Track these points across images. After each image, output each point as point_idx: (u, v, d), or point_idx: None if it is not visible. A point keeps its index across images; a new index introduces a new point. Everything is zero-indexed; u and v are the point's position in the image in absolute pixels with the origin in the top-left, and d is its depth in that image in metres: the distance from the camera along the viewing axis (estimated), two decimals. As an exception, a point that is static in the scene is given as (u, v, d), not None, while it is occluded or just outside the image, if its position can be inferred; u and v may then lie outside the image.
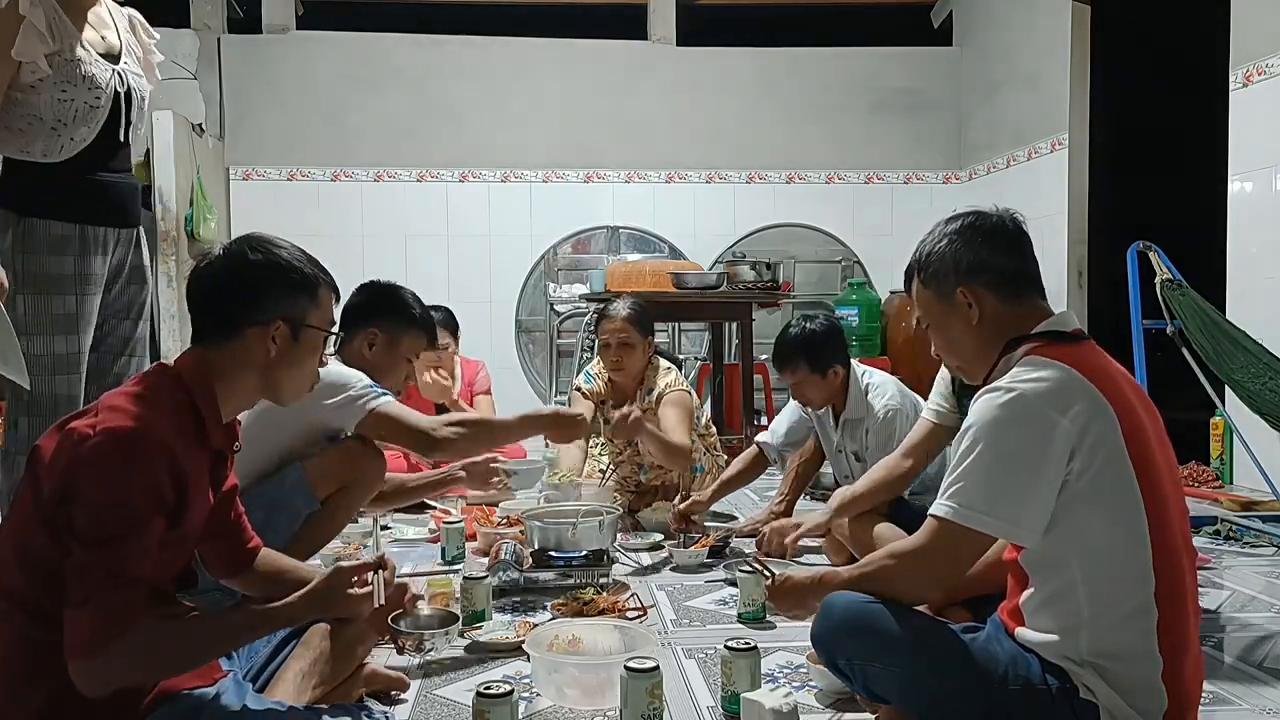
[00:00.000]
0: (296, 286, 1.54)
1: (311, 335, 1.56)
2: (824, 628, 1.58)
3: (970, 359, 1.60)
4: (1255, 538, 3.26)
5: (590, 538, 2.70)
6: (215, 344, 1.49)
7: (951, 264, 1.56)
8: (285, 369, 1.54)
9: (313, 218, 6.59)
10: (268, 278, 1.51)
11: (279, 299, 1.51)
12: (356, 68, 6.67)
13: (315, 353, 1.58)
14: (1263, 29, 4.26)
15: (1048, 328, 1.52)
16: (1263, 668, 2.10)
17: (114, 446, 1.29)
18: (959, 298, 1.55)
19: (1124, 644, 1.39)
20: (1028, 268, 1.57)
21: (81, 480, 1.28)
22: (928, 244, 1.62)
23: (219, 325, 1.49)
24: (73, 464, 1.29)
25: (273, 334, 1.50)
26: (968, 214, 1.61)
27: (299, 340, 1.53)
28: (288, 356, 1.53)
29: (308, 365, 1.58)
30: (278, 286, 1.52)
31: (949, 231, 1.59)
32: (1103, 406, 1.40)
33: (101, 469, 1.29)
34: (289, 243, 1.59)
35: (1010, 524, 1.41)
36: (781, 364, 3.10)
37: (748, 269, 4.97)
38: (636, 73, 6.89)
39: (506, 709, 1.57)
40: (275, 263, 1.53)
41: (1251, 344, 3.20)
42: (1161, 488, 1.42)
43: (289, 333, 1.52)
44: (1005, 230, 1.58)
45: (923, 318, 1.64)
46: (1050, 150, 5.83)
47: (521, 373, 6.81)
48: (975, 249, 1.55)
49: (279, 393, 1.57)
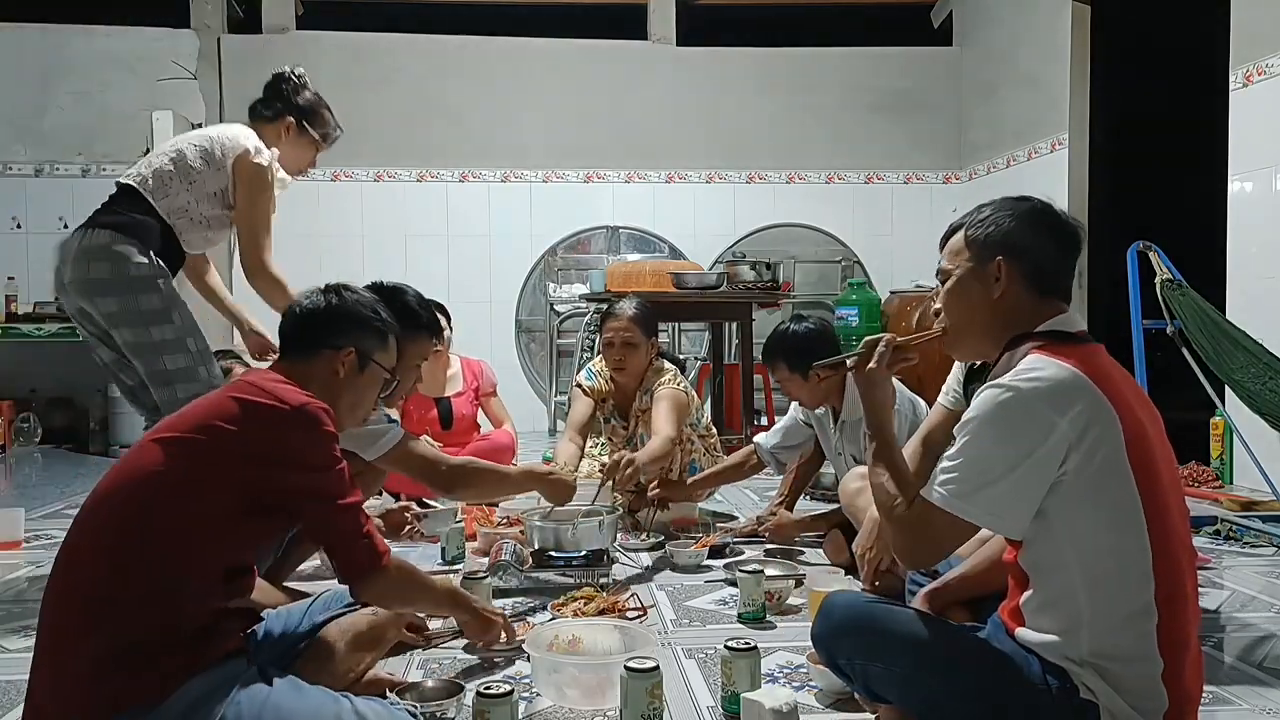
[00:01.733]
0: (371, 326, 1.81)
1: (374, 370, 1.81)
2: (824, 628, 1.58)
3: (969, 329, 1.59)
4: (1255, 538, 3.26)
5: (590, 538, 2.70)
6: (296, 359, 1.75)
7: (1003, 234, 1.55)
8: (347, 394, 1.77)
9: (313, 218, 6.59)
10: (350, 313, 1.80)
11: (355, 332, 1.79)
12: (356, 68, 6.67)
13: (374, 388, 1.83)
14: (1263, 29, 4.26)
15: (1052, 327, 1.52)
16: (1263, 668, 2.10)
17: (327, 418, 1.58)
18: (993, 267, 1.54)
19: (1124, 645, 1.40)
20: (1065, 276, 1.57)
21: (310, 445, 1.55)
22: (989, 209, 1.60)
23: (302, 344, 1.76)
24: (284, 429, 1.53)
25: (343, 359, 1.75)
26: (1039, 201, 1.60)
27: (364, 372, 1.79)
28: (352, 383, 1.77)
29: (366, 397, 1.82)
30: (356, 322, 1.79)
31: (1018, 208, 1.58)
32: (1104, 408, 1.40)
33: (322, 434, 1.56)
34: (371, 294, 1.89)
35: (992, 515, 1.42)
36: (766, 362, 3.12)
37: (748, 269, 4.98)
38: (636, 73, 6.89)
39: (506, 709, 1.58)
40: (359, 302, 1.82)
41: (1251, 344, 3.20)
42: (1162, 490, 1.42)
43: (357, 362, 1.77)
44: (1066, 230, 1.58)
45: (947, 268, 1.61)
46: (1050, 150, 5.83)
47: (521, 373, 6.81)
48: (1032, 232, 1.55)
49: (337, 412, 1.71)
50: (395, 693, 1.79)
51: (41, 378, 6.38)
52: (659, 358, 3.68)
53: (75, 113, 6.43)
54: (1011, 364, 1.49)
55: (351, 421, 1.83)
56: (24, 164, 6.42)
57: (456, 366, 4.29)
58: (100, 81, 6.45)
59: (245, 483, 1.49)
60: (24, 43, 6.42)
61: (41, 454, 5.92)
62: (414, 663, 2.11)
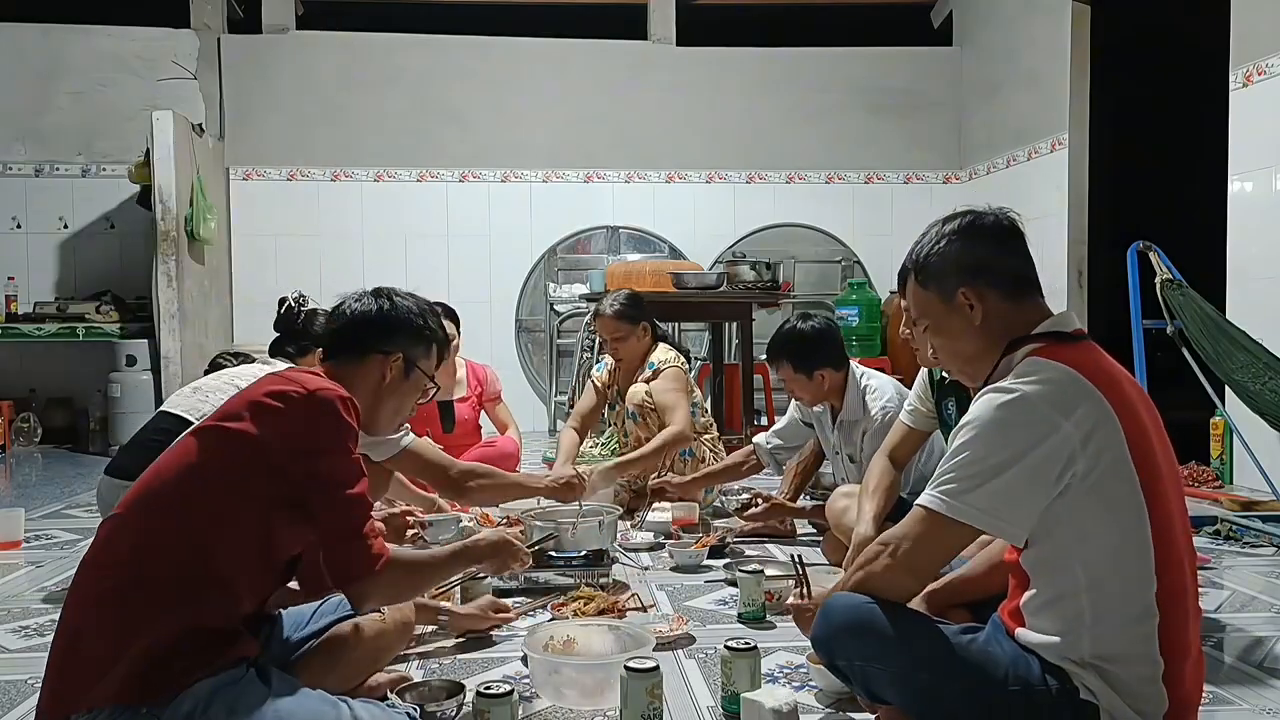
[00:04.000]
0: (421, 334, 1.82)
1: (418, 377, 1.82)
2: (824, 628, 1.58)
3: (971, 360, 1.58)
4: (1255, 538, 3.26)
5: (590, 538, 2.70)
6: (343, 361, 1.76)
7: (953, 264, 1.54)
8: (390, 398, 1.79)
9: (313, 218, 6.60)
10: (403, 319, 1.80)
11: (405, 338, 1.79)
12: (356, 68, 6.67)
13: (416, 394, 1.84)
14: (1263, 29, 4.25)
15: (1049, 328, 1.50)
16: (1263, 668, 2.10)
17: (343, 407, 1.54)
18: (960, 299, 1.53)
19: (1125, 646, 1.39)
20: (1027, 267, 1.56)
21: (324, 432, 1.51)
22: (925, 245, 1.59)
23: (353, 345, 1.77)
24: (306, 418, 1.50)
25: (391, 363, 1.77)
26: (964, 214, 1.59)
27: (409, 378, 1.80)
28: (396, 388, 1.79)
29: (407, 402, 1.83)
30: (407, 329, 1.80)
31: (946, 232, 1.57)
32: (1106, 410, 1.39)
33: (338, 424, 1.53)
34: (417, 299, 1.88)
35: (995, 519, 1.40)
36: (769, 359, 3.12)
37: (748, 269, 4.97)
38: (636, 73, 6.89)
39: (506, 709, 1.58)
40: (410, 309, 1.83)
41: (1251, 344, 3.20)
42: (1163, 490, 1.42)
43: (404, 368, 1.79)
44: (1004, 229, 1.56)
45: (919, 319, 1.61)
46: (1050, 150, 5.83)
47: (521, 373, 6.81)
48: (976, 248, 1.54)
49: (376, 418, 1.78)
50: (395, 693, 1.78)
51: (41, 378, 6.38)
52: (656, 341, 3.79)
53: (75, 112, 6.43)
54: (1009, 368, 1.48)
55: (390, 427, 1.84)
56: (24, 164, 6.42)
57: (462, 371, 4.29)
58: (100, 81, 6.45)
59: (269, 471, 1.48)
60: (24, 42, 6.42)
61: (41, 454, 5.93)
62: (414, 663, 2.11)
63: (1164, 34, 6.25)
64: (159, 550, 1.43)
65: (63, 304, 6.05)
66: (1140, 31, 5.99)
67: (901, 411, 2.70)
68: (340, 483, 1.51)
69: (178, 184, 5.68)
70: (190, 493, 1.46)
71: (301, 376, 1.57)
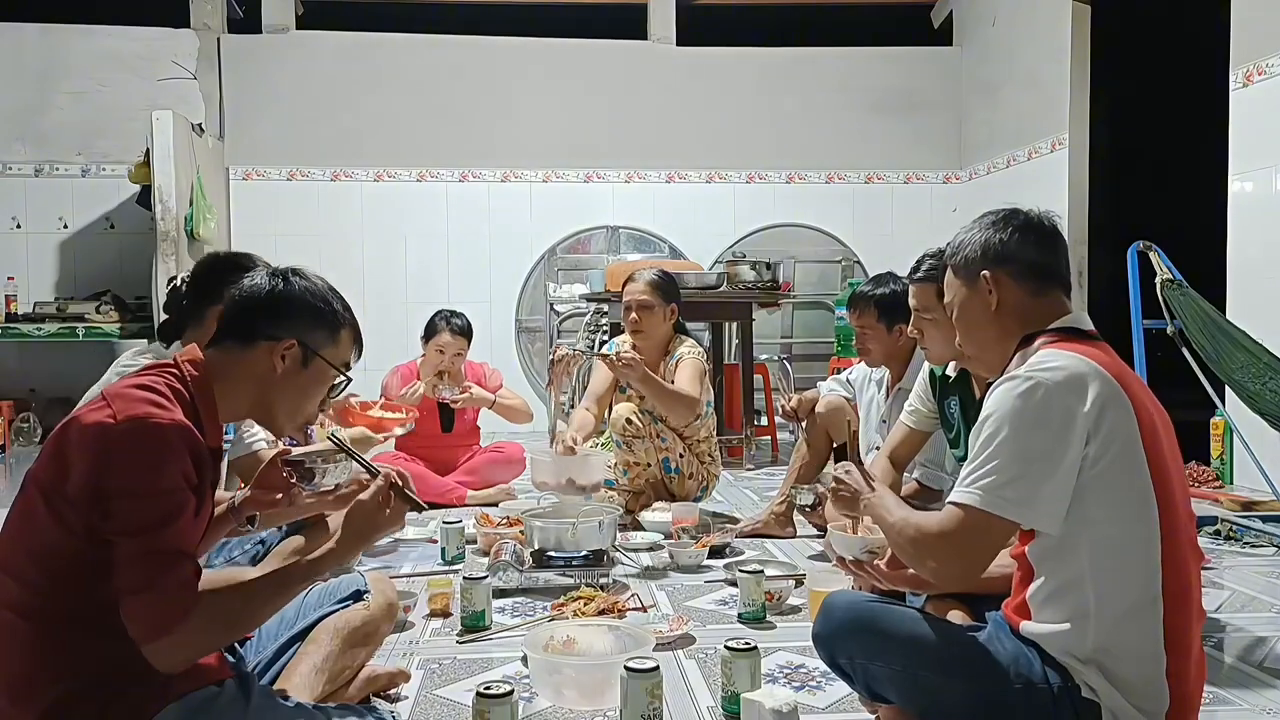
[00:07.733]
0: (320, 317, 1.56)
1: (320, 367, 1.56)
2: (825, 627, 1.58)
3: (985, 346, 1.61)
4: (1255, 538, 3.26)
5: (590, 538, 2.70)
6: (228, 348, 1.52)
7: (980, 249, 1.59)
8: (285, 391, 1.54)
9: (313, 218, 6.59)
10: (296, 301, 1.54)
11: (300, 323, 1.53)
12: (356, 68, 6.67)
13: (319, 386, 1.58)
14: (1263, 29, 4.25)
15: (1065, 324, 1.53)
16: (1263, 668, 2.10)
17: (148, 434, 1.31)
18: (981, 282, 1.58)
19: (1128, 639, 1.39)
20: (1057, 265, 1.59)
21: (119, 470, 1.29)
22: (962, 233, 1.65)
23: (239, 331, 1.53)
24: (104, 454, 1.29)
25: (283, 351, 1.51)
26: (1006, 209, 1.64)
27: (307, 368, 1.54)
28: (292, 380, 1.53)
29: (309, 395, 1.58)
30: (303, 312, 1.54)
31: (985, 222, 1.62)
32: (1119, 396, 1.40)
33: (140, 457, 1.30)
34: (327, 282, 1.62)
35: (1033, 510, 1.40)
36: (854, 308, 3.13)
37: (748, 269, 4.98)
38: (636, 73, 6.89)
39: (506, 709, 1.57)
40: (308, 289, 1.56)
41: (1251, 344, 3.20)
42: (1171, 484, 1.42)
43: (300, 356, 1.52)
44: (1039, 226, 1.60)
45: (948, 304, 1.67)
46: (1050, 150, 5.83)
47: (521, 373, 6.81)
48: (1005, 238, 1.58)
49: (272, 413, 1.57)
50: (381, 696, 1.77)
51: (41, 378, 6.37)
52: (678, 333, 3.66)
53: (75, 112, 6.43)
54: (1024, 360, 1.50)
55: (292, 424, 1.61)
56: (24, 164, 6.42)
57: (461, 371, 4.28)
58: (100, 81, 6.44)
59: (89, 514, 1.29)
60: (24, 42, 6.41)
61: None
62: (413, 662, 2.12)
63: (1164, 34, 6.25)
64: (52, 597, 1.31)
65: (62, 304, 6.05)
66: (1140, 31, 5.99)
67: (903, 414, 2.71)
68: (139, 529, 1.28)
69: (178, 184, 5.68)
70: (39, 557, 1.33)
71: (118, 396, 1.35)
